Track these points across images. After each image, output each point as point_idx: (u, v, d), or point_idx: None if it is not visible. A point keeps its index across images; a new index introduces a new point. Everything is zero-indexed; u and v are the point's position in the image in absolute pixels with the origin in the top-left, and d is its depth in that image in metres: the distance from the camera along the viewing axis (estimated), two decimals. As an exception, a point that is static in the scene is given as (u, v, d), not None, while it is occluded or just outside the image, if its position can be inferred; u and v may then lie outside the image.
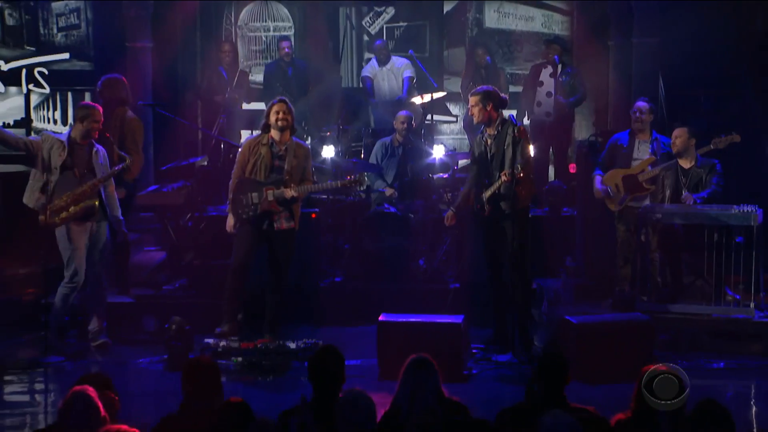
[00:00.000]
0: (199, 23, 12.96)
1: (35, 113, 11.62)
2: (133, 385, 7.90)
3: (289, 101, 8.82)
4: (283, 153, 8.68)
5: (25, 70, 11.72)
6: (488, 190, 8.41)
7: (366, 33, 13.44)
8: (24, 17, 11.80)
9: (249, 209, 8.66)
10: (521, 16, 13.36)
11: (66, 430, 4.71)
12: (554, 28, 13.24)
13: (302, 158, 8.74)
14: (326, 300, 9.78)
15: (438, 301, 9.45)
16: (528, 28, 13.34)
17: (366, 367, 7.98)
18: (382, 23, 13.51)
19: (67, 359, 8.62)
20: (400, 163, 10.69)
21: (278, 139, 8.67)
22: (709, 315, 8.82)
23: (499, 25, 13.40)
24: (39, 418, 7.46)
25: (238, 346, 8.55)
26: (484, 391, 7.72)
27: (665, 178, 9.24)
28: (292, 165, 8.65)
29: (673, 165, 9.22)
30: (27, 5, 11.79)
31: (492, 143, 8.50)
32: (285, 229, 8.71)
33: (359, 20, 13.52)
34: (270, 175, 8.66)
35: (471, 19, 13.45)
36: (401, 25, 13.48)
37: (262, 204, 8.61)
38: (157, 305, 9.62)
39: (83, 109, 8.92)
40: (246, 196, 8.67)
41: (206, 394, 5.27)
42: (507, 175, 8.21)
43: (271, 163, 8.67)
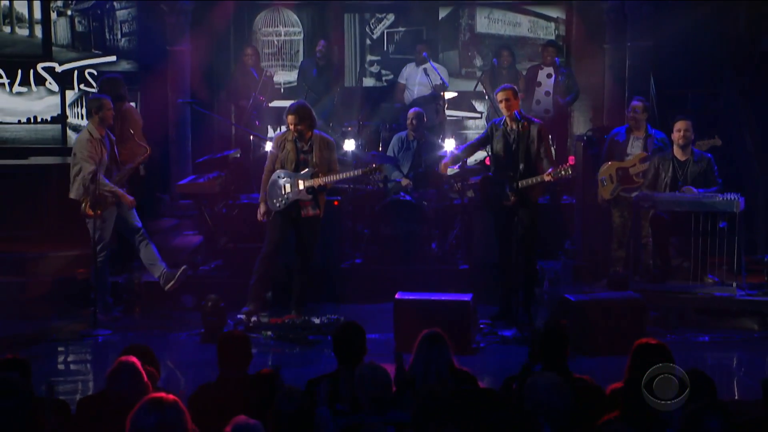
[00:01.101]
0: (233, 28, 12.95)
1: (70, 110, 11.65)
2: (172, 356, 7.94)
3: (301, 105, 8.76)
4: (308, 148, 8.66)
5: (77, 72, 11.74)
6: (522, 181, 8.39)
7: (368, 38, 13.39)
8: (92, 24, 11.85)
9: (282, 199, 8.66)
10: (509, 21, 13.35)
11: (113, 396, 4.73)
12: (539, 33, 13.23)
13: (327, 150, 8.70)
14: (347, 280, 9.79)
15: (449, 281, 9.43)
16: (515, 32, 13.32)
17: (383, 341, 7.98)
18: (383, 28, 13.49)
19: (114, 332, 8.67)
20: (414, 156, 10.67)
21: (300, 136, 8.66)
22: (695, 294, 8.79)
23: (489, 30, 13.38)
24: (89, 385, 7.50)
25: (268, 321, 8.58)
26: (491, 362, 7.73)
27: (661, 169, 9.15)
28: (318, 157, 8.63)
29: (668, 156, 9.15)
30: (95, 13, 11.83)
31: (515, 138, 8.48)
32: (311, 216, 8.70)
33: (362, 26, 13.52)
34: (297, 168, 8.66)
35: (464, 24, 13.43)
36: (400, 30, 13.48)
37: (293, 194, 8.61)
38: (194, 284, 9.62)
39: (95, 101, 8.93)
40: (279, 187, 8.67)
41: (239, 364, 5.29)
42: (552, 175, 8.23)
43: (296, 157, 8.66)
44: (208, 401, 5.04)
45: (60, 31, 11.74)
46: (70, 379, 7.64)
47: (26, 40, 11.73)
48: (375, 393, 4.72)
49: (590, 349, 7.65)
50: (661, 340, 5.20)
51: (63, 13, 11.77)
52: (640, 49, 11.71)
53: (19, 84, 11.70)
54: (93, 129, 8.80)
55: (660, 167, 9.13)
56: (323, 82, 12.17)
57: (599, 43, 12.21)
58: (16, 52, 11.67)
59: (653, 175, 9.16)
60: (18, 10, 11.68)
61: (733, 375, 7.73)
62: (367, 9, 13.45)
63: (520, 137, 8.46)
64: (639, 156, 9.49)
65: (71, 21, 11.76)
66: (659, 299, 8.75)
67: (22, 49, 11.71)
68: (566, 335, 5.44)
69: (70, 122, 11.62)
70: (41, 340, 8.52)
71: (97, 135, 8.78)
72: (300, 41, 13.20)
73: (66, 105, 11.58)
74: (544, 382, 4.37)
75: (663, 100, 11.61)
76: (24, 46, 11.73)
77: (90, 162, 8.70)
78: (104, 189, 8.70)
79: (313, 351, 8.12)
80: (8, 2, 11.60)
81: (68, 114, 11.67)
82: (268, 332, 8.42)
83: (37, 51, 11.70)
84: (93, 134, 8.78)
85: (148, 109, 11.18)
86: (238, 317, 8.64)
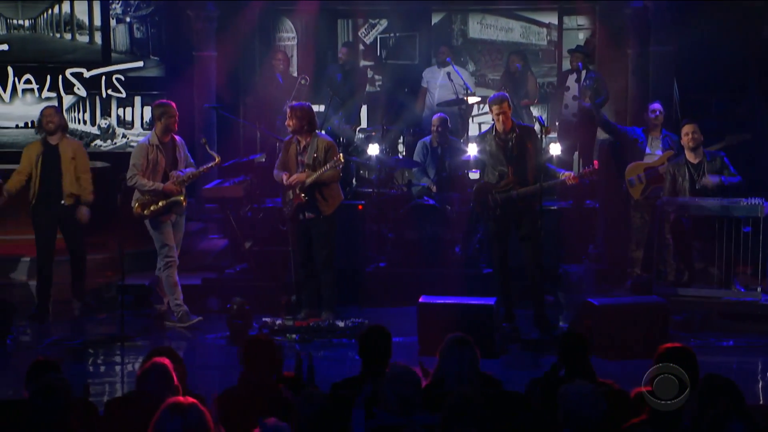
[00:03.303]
0: (258, 33, 12.98)
1: (67, 115, 11.74)
2: (198, 359, 7.97)
3: (296, 104, 8.79)
4: (303, 149, 8.66)
5: (105, 77, 11.83)
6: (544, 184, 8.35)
7: (362, 43, 13.40)
8: (150, 31, 11.97)
9: (288, 206, 8.69)
10: (502, 27, 13.35)
11: (143, 397, 4.75)
12: (532, 38, 13.22)
13: (322, 151, 8.60)
14: (371, 283, 9.78)
15: (472, 285, 9.41)
16: (508, 38, 13.31)
17: (407, 344, 7.96)
18: (376, 34, 13.50)
19: (141, 335, 8.70)
20: (438, 161, 10.66)
21: (300, 138, 8.66)
22: (719, 298, 8.72)
23: (481, 36, 13.39)
24: (116, 386, 7.53)
25: (293, 324, 8.59)
26: (515, 366, 7.72)
27: (678, 175, 9.10)
28: (311, 157, 8.59)
29: (682, 161, 9.11)
30: (153, 20, 11.94)
31: (512, 145, 8.44)
32: (312, 218, 8.66)
33: (355, 31, 13.53)
34: (297, 170, 8.66)
35: (456, 30, 13.44)
36: (393, 35, 13.48)
37: (294, 198, 8.63)
38: (220, 287, 9.68)
39: (159, 107, 8.95)
40: (287, 194, 8.69)
41: (264, 368, 5.28)
42: (574, 178, 8.20)
43: (296, 159, 8.67)
44: (234, 404, 5.04)
45: (119, 37, 11.87)
46: (97, 381, 7.66)
47: (86, 46, 11.86)
48: (405, 394, 4.71)
49: (614, 352, 7.61)
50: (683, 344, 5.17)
51: (122, 20, 11.89)
52: (663, 54, 11.65)
53: (48, 89, 11.81)
54: (153, 135, 8.84)
55: (676, 173, 9.09)
56: (348, 86, 12.17)
57: (622, 48, 12.16)
58: (77, 58, 11.80)
59: (671, 182, 9.11)
60: (78, 17, 11.82)
61: (757, 379, 7.67)
62: (360, 15, 13.45)
63: (515, 144, 8.41)
64: (667, 154, 9.50)
65: (130, 27, 11.90)
66: (682, 303, 8.70)
67: (82, 55, 11.85)
68: (585, 339, 5.43)
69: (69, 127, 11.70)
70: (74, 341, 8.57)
71: (155, 141, 8.80)
72: (294, 47, 13.21)
73: (63, 109, 11.68)
74: (576, 391, 4.35)
75: (686, 105, 11.53)
76: (84, 53, 11.86)
77: (133, 168, 8.75)
78: (147, 188, 8.75)
79: (338, 354, 8.11)
80: (69, 10, 11.73)
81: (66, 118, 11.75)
82: (292, 335, 8.43)
83: (96, 58, 11.84)
84: (150, 140, 8.82)
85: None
86: (263, 320, 8.66)
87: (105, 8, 11.83)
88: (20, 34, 11.85)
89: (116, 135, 11.92)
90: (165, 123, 8.79)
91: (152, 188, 8.76)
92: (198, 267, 10.45)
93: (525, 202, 8.42)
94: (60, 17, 11.85)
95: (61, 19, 11.84)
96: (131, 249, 9.19)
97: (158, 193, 8.78)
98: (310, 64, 12.82)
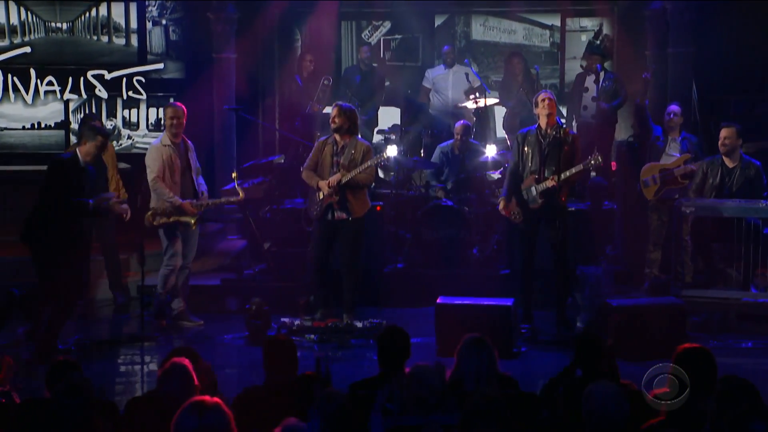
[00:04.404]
0: (277, 36, 13.01)
1: (73, 116, 11.81)
2: (217, 359, 7.94)
3: (345, 104, 8.79)
4: (340, 150, 8.66)
5: (126, 79, 11.88)
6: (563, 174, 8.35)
7: (365, 45, 13.41)
8: (185, 33, 12.08)
9: (318, 206, 8.67)
10: (505, 29, 13.34)
11: (163, 397, 4.77)
12: (535, 40, 13.19)
13: (360, 153, 8.61)
14: (389, 284, 9.79)
15: (490, 286, 9.39)
16: (511, 40, 13.29)
17: (425, 345, 7.95)
18: (380, 36, 13.50)
19: (162, 335, 8.73)
20: (459, 165, 10.65)
21: (339, 139, 8.66)
22: (738, 299, 8.66)
23: (484, 38, 13.37)
24: (136, 386, 7.56)
25: (311, 324, 8.60)
26: (532, 367, 7.70)
27: (709, 174, 9.04)
28: (348, 158, 8.59)
29: (717, 162, 9.03)
30: (190, 24, 12.02)
31: (549, 143, 8.43)
32: (344, 219, 8.64)
33: (359, 33, 13.52)
34: (331, 171, 8.65)
35: (459, 32, 13.43)
36: (396, 37, 13.48)
37: (324, 198, 8.62)
38: (239, 287, 9.71)
39: (166, 110, 8.98)
40: (316, 194, 8.69)
41: (284, 369, 5.30)
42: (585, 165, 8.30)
43: (331, 160, 8.66)
44: (254, 404, 5.06)
45: (155, 39, 11.94)
46: (121, 380, 7.70)
47: (122, 49, 11.96)
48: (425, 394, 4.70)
49: (632, 354, 7.58)
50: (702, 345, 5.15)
51: (158, 23, 11.96)
52: (681, 56, 11.60)
53: (69, 91, 11.88)
54: (164, 135, 8.82)
55: (708, 172, 9.04)
56: (366, 88, 12.18)
57: (640, 49, 12.12)
58: (113, 61, 11.88)
59: (701, 179, 9.06)
60: (115, 19, 11.91)
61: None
62: (364, 16, 13.47)
63: (554, 143, 8.41)
64: (684, 157, 9.45)
65: (166, 30, 11.97)
66: (701, 305, 8.66)
67: (119, 58, 11.94)
68: (600, 340, 5.42)
69: (73, 128, 11.78)
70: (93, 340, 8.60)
71: (167, 141, 8.77)
72: (297, 48, 13.22)
73: (69, 111, 11.74)
74: (601, 391, 4.33)
75: (705, 106, 11.48)
76: (120, 56, 11.95)
77: (149, 171, 8.72)
78: (165, 198, 8.71)
79: (356, 354, 8.12)
80: (107, 12, 11.83)
81: (71, 120, 11.84)
82: (311, 336, 8.44)
83: (132, 60, 11.93)
84: (162, 140, 8.80)
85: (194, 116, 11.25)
86: (281, 320, 8.67)
87: (141, 10, 11.93)
88: (58, 36, 11.94)
89: (122, 136, 11.97)
90: (168, 125, 8.79)
91: (170, 199, 8.69)
92: (217, 268, 10.49)
93: (547, 198, 8.42)
94: (97, 20, 11.94)
95: (98, 21, 11.93)
96: (150, 250, 9.18)
97: (173, 207, 8.73)
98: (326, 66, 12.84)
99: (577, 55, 13.03)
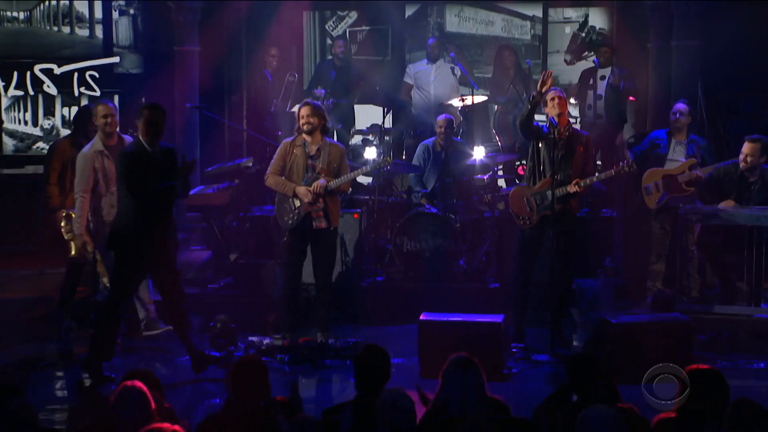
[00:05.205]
0: (245, 27, 12.97)
1: (6, 114, 11.75)
2: (177, 380, 7.89)
3: (316, 102, 8.78)
4: (315, 153, 8.65)
5: (77, 74, 11.82)
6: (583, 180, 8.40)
7: (329, 36, 13.41)
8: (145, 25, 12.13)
9: (293, 214, 8.64)
10: (482, 20, 13.34)
11: (116, 423, 4.73)
12: (514, 32, 13.22)
13: (336, 157, 8.64)
14: (368, 299, 9.79)
15: (478, 301, 9.40)
16: (488, 32, 13.31)
17: (407, 366, 7.94)
18: (345, 27, 13.49)
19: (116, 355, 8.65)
20: (442, 166, 10.64)
21: (310, 140, 8.66)
22: (748, 316, 8.68)
23: (459, 29, 13.36)
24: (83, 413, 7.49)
25: (282, 344, 8.57)
26: (524, 390, 7.68)
27: (724, 183, 9.08)
28: (326, 162, 8.59)
29: (735, 171, 9.01)
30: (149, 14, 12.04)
31: (561, 145, 8.44)
32: (324, 228, 8.65)
33: (322, 24, 13.53)
34: (305, 176, 8.64)
35: (432, 23, 13.42)
36: (364, 29, 13.47)
37: (303, 205, 8.60)
38: (202, 303, 9.65)
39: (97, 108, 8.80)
40: (289, 202, 8.66)
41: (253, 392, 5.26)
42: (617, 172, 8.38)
43: (305, 163, 8.64)
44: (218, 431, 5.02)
45: (122, 31, 11.89)
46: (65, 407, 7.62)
47: (86, 41, 11.90)
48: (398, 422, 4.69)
49: (633, 375, 7.58)
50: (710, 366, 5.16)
51: (125, 12, 11.93)
52: (687, 49, 11.66)
53: (14, 87, 11.80)
54: (96, 140, 8.69)
55: (724, 178, 9.05)
56: (341, 85, 12.18)
57: (642, 42, 12.17)
58: (75, 54, 11.81)
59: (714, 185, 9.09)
60: (77, 9, 11.86)
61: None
62: (328, 6, 13.45)
63: (568, 145, 8.42)
64: (689, 163, 9.46)
65: (134, 20, 11.96)
66: (708, 321, 8.68)
67: (82, 51, 11.87)
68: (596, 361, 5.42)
69: (6, 127, 11.71)
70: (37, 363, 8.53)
71: (99, 147, 8.62)
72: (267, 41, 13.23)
73: (2, 109, 11.68)
74: (596, 416, 4.33)
75: (712, 104, 11.53)
76: (83, 48, 11.88)
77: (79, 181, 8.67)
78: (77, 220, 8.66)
79: (331, 377, 8.10)
80: (68, 1, 11.77)
81: (4, 119, 11.76)
82: (282, 356, 8.40)
83: (97, 53, 11.86)
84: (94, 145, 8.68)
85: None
86: (249, 339, 8.64)
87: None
88: (14, 27, 11.86)
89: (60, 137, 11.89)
90: (101, 125, 8.62)
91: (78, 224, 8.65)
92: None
93: (562, 205, 8.44)
94: (58, 9, 11.86)
95: (59, 11, 11.86)
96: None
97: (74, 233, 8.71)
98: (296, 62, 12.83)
99: (560, 49, 13.08)
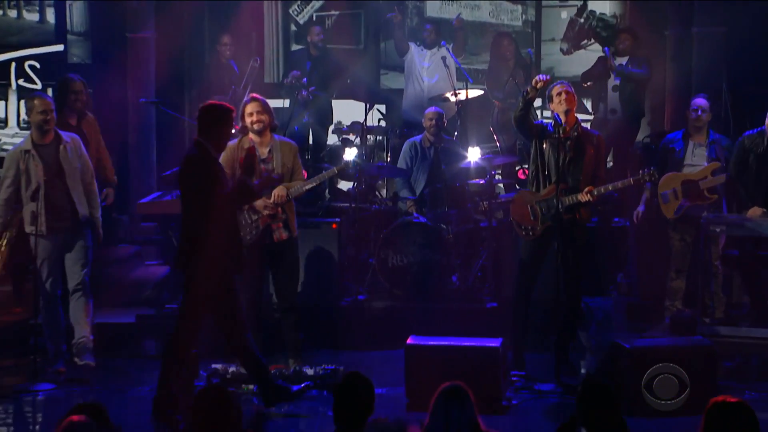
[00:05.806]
0: (207, 12, 12.96)
1: None
2: (131, 417, 7.86)
3: (261, 97, 8.75)
4: (267, 156, 8.61)
5: (15, 64, 11.79)
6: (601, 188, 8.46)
7: (294, 23, 13.40)
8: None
9: (252, 228, 8.59)
10: (466, 4, 13.39)
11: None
12: (503, 18, 13.25)
13: (290, 157, 8.63)
14: (348, 321, 9.78)
15: (473, 322, 9.39)
16: (474, 17, 13.33)
17: (392, 397, 7.95)
18: (312, 12, 13.51)
19: (59, 386, 8.61)
20: (432, 167, 10.62)
21: (259, 141, 8.61)
22: (779, 339, 8.74)
23: (441, 14, 13.38)
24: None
25: (249, 372, 8.52)
26: (525, 424, 7.71)
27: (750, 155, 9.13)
28: (280, 164, 8.56)
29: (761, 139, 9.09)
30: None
31: (571, 145, 8.43)
32: (286, 240, 8.63)
33: (285, 9, 13.55)
34: None
35: (411, 7, 13.48)
36: (333, 14, 13.50)
37: (261, 218, 8.55)
38: (159, 326, 9.61)
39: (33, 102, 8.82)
40: (243, 215, 8.60)
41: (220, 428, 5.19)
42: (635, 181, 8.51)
43: (255, 167, 8.60)
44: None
45: (76, 16, 11.86)
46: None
47: (35, 26, 11.89)
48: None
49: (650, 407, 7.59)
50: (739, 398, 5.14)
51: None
52: (709, 37, 11.70)
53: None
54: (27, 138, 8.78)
55: (750, 147, 9.12)
56: (318, 77, 12.16)
57: (659, 29, 12.20)
58: (23, 41, 11.80)
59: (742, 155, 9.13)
60: None
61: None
62: None
63: (577, 146, 8.42)
64: (711, 167, 9.47)
65: (90, 4, 11.97)
66: (735, 346, 8.69)
67: (31, 37, 11.86)
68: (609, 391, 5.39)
69: None
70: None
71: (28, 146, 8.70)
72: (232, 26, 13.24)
73: None
74: None
75: (737, 98, 11.56)
76: (32, 34, 11.85)
77: None
78: None
79: (307, 409, 8.05)
80: None
81: None
82: (249, 386, 8.36)
83: (48, 39, 11.82)
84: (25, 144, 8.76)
85: (103, 110, 11.17)
86: (212, 367, 8.59)
87: None
88: None
89: None
90: (37, 121, 8.67)
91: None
92: (131, 301, 10.39)
93: (572, 215, 8.44)
94: None
95: None
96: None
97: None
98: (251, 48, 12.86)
99: (556, 37, 13.09)
